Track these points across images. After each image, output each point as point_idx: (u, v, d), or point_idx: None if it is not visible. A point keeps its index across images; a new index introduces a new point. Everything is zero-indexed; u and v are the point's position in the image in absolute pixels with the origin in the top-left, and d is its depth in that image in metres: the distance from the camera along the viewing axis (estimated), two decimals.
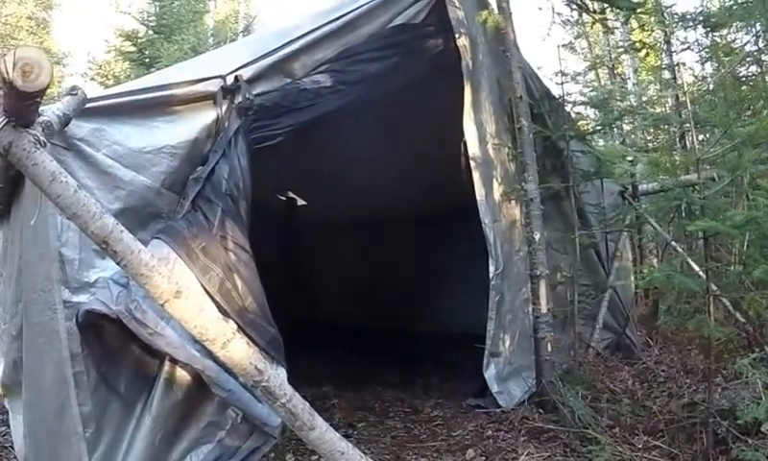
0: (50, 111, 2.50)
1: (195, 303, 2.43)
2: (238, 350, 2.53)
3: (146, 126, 3.26)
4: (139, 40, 15.70)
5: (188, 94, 3.39)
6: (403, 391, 6.03)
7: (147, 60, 14.44)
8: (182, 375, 3.13)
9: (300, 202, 9.95)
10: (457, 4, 5.02)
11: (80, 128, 2.94)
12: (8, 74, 1.96)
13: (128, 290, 2.90)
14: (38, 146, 2.21)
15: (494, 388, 5.07)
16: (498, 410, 4.94)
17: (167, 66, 12.86)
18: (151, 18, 16.36)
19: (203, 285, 2.98)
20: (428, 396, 5.84)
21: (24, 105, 2.14)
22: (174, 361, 3.07)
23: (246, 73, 3.63)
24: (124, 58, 16.21)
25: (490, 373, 5.09)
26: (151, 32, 15.97)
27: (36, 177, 2.21)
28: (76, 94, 2.73)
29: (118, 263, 2.31)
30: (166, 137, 3.27)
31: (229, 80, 3.53)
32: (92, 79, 17.57)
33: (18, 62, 1.97)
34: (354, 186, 7.98)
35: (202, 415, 3.29)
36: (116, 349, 3.13)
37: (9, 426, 5.98)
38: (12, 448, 5.43)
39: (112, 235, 2.26)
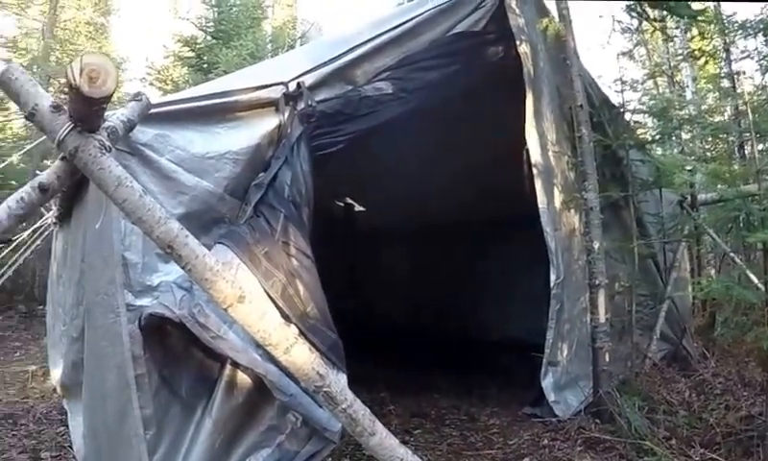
0: (115, 117, 2.51)
1: (258, 307, 2.41)
2: (300, 355, 2.51)
3: (209, 132, 3.28)
4: (198, 46, 15.88)
5: (251, 100, 3.40)
6: (459, 398, 5.98)
7: (205, 65, 14.61)
8: (243, 378, 3.12)
9: (358, 208, 9.96)
10: (518, 11, 4.97)
11: (144, 133, 2.96)
12: (74, 80, 1.97)
13: (191, 294, 2.91)
14: (104, 151, 2.22)
15: (551, 397, 5.00)
16: (555, 420, 4.88)
17: (226, 72, 13.10)
18: (209, 24, 16.55)
19: (265, 290, 2.98)
20: (484, 403, 5.79)
21: (90, 110, 2.15)
22: (235, 365, 3.07)
23: (308, 80, 3.63)
24: (182, 63, 16.42)
25: (547, 382, 5.03)
26: (209, 38, 16.15)
27: (102, 181, 2.22)
28: (140, 100, 2.74)
29: (183, 267, 2.30)
30: (229, 143, 3.29)
31: (292, 86, 3.53)
32: (151, 84, 17.82)
33: (85, 69, 1.98)
34: (411, 193, 7.94)
35: (261, 419, 3.28)
36: (178, 352, 3.15)
37: (67, 427, 6.08)
38: (71, 449, 5.51)
39: (177, 240, 2.25)
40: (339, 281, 7.19)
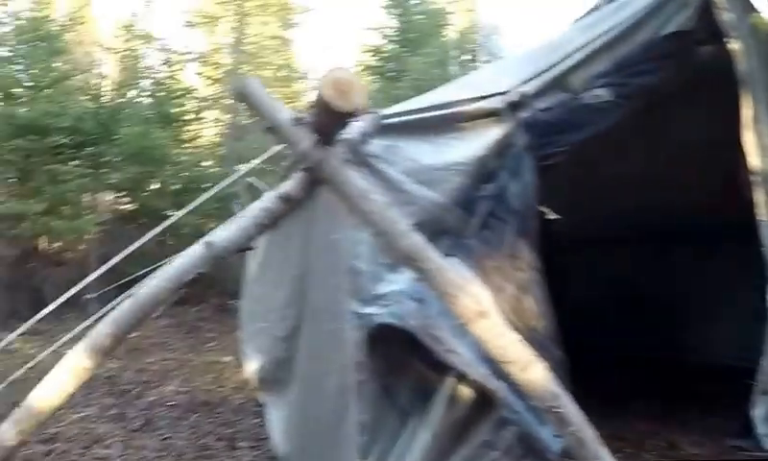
0: (353, 130, 2.53)
1: (497, 323, 2.35)
2: (536, 373, 2.42)
3: (436, 143, 3.27)
4: (384, 55, 16.18)
5: (474, 111, 3.36)
6: (659, 423, 5.66)
7: (392, 73, 14.86)
8: (465, 393, 3.08)
9: (552, 216, 9.72)
10: (726, 5, 4.65)
11: (375, 145, 2.99)
12: (324, 94, 1.98)
13: (423, 306, 2.90)
14: (345, 164, 2.23)
15: (762, 430, 4.63)
16: (765, 454, 4.52)
17: (415, 79, 13.28)
18: (395, 33, 16.83)
19: (496, 305, 2.93)
20: (686, 431, 5.43)
21: (336, 124, 2.17)
22: (459, 379, 3.03)
23: (528, 89, 3.54)
24: (370, 72, 16.78)
25: (758, 412, 4.66)
26: (396, 46, 16.42)
27: (346, 193, 2.23)
28: (375, 113, 2.76)
29: (425, 281, 2.27)
30: (456, 154, 3.27)
31: (514, 96, 3.45)
32: None
33: (334, 83, 1.99)
34: (614, 200, 7.65)
35: (477, 434, 3.23)
36: (399, 362, 3.15)
37: (263, 419, 6.29)
38: (268, 441, 5.68)
39: (420, 253, 2.23)
40: None
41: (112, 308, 6.42)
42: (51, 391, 2.23)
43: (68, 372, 2.20)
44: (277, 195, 2.31)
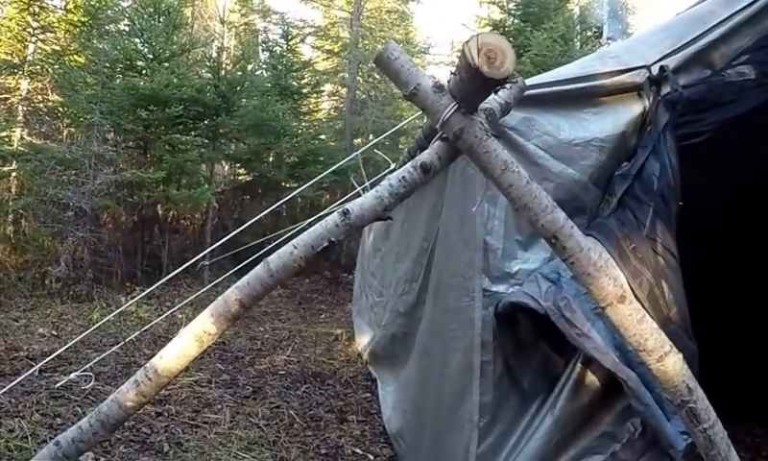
0: (493, 99, 2.46)
1: (637, 309, 2.25)
2: (673, 365, 2.32)
3: (575, 117, 3.18)
4: (506, 29, 15.95)
5: (614, 85, 3.25)
6: None
7: (515, 48, 14.62)
8: (592, 380, 3.00)
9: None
10: None
11: (511, 116, 2.93)
12: (473, 60, 1.91)
13: (557, 287, 2.83)
14: (488, 133, 2.16)
15: None
16: None
17: (537, 55, 13.04)
18: (517, 7, 16.56)
19: (632, 290, 2.82)
20: None
21: (484, 92, 2.11)
22: (585, 364, 2.95)
23: (670, 63, 3.38)
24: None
25: None
26: (517, 21, 16.15)
27: (488, 165, 2.17)
28: (516, 82, 2.68)
29: (565, 260, 2.19)
30: (595, 130, 3.17)
31: (654, 70, 3.30)
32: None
33: (482, 48, 1.92)
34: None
35: (598, 424, 3.14)
36: (525, 343, 3.10)
37: (373, 394, 6.33)
38: (378, 416, 5.72)
39: (563, 230, 2.15)
40: None
41: (228, 276, 6.60)
42: (174, 355, 2.25)
43: (192, 336, 2.22)
44: (415, 164, 2.27)
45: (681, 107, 3.25)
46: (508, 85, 2.62)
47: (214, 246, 4.61)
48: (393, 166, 6.04)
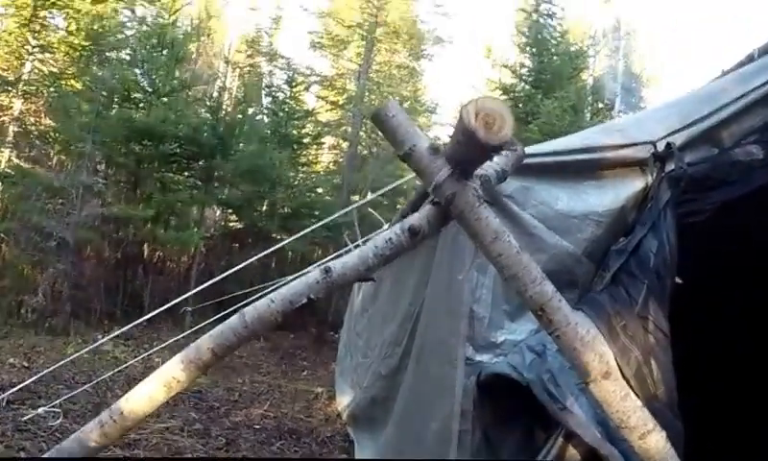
0: (489, 166, 2.50)
1: (621, 385, 2.27)
2: (655, 443, 2.33)
3: (574, 189, 3.22)
4: (516, 94, 16.16)
5: (617, 158, 3.29)
6: None
7: (523, 114, 14.79)
8: (572, 454, 2.98)
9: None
10: None
11: (508, 184, 2.95)
12: (470, 124, 1.93)
13: (542, 359, 2.85)
14: (480, 201, 2.19)
15: None
16: None
17: (546, 123, 13.19)
18: (529, 73, 16.79)
19: (619, 367, 2.85)
20: None
21: (480, 157, 2.13)
22: (567, 439, 2.95)
23: (677, 140, 3.44)
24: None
25: None
26: (528, 87, 16.36)
27: (479, 232, 2.19)
28: (515, 150, 2.71)
29: (551, 333, 2.21)
30: (594, 203, 3.20)
31: (660, 146, 3.36)
32: None
33: (480, 112, 1.94)
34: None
35: None
36: (507, 415, 3.10)
37: (350, 455, 6.31)
38: None
39: (551, 303, 2.17)
40: None
41: (210, 323, 6.62)
42: (141, 398, 2.24)
43: (161, 381, 2.21)
44: (403, 227, 2.29)
45: (684, 184, 3.30)
46: (505, 152, 2.65)
47: (197, 289, 4.64)
48: (386, 227, 6.11)
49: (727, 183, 3.51)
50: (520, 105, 15.46)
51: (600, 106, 18.42)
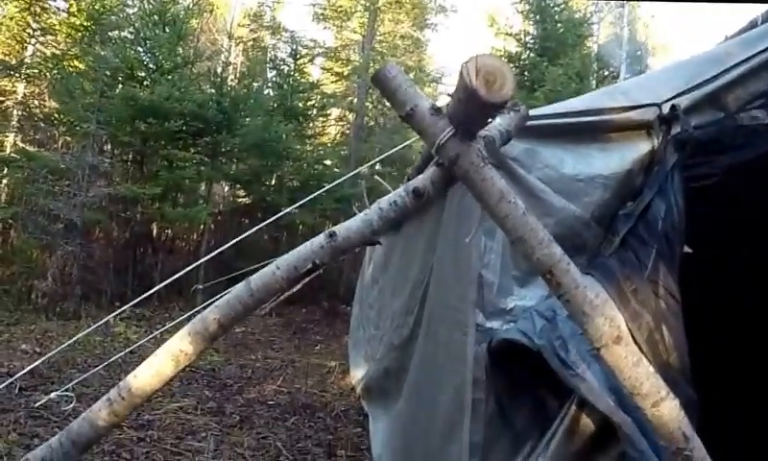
0: (493, 127, 2.48)
1: (633, 351, 2.26)
2: (669, 411, 2.31)
3: (580, 152, 3.19)
4: (522, 63, 16.08)
5: (622, 121, 3.26)
6: None
7: (528, 82, 14.73)
8: (586, 423, 2.99)
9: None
10: None
11: (512, 146, 2.93)
12: (471, 82, 1.91)
13: (552, 325, 2.84)
14: (485, 161, 2.17)
15: None
16: None
17: (552, 90, 13.13)
18: (533, 41, 16.70)
19: (631, 332, 2.83)
20: None
21: (481, 116, 2.11)
22: (580, 407, 2.95)
23: (682, 102, 3.41)
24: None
25: None
26: (533, 55, 16.28)
27: (484, 193, 2.17)
28: (518, 111, 2.70)
29: (560, 297, 2.20)
30: (600, 166, 3.18)
31: (665, 108, 3.33)
32: None
33: (481, 70, 1.92)
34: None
35: None
36: (519, 382, 3.10)
37: (364, 429, 6.33)
38: (368, 453, 5.72)
39: (559, 266, 2.16)
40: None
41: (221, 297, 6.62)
42: (148, 373, 2.24)
43: (168, 355, 2.21)
44: (407, 188, 2.29)
45: (690, 148, 3.28)
46: (508, 112, 2.63)
47: (205, 259, 4.62)
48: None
49: (733, 148, 3.49)
50: (526, 72, 15.42)
51: (605, 73, 18.32)
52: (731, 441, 2.61)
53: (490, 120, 2.37)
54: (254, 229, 3.92)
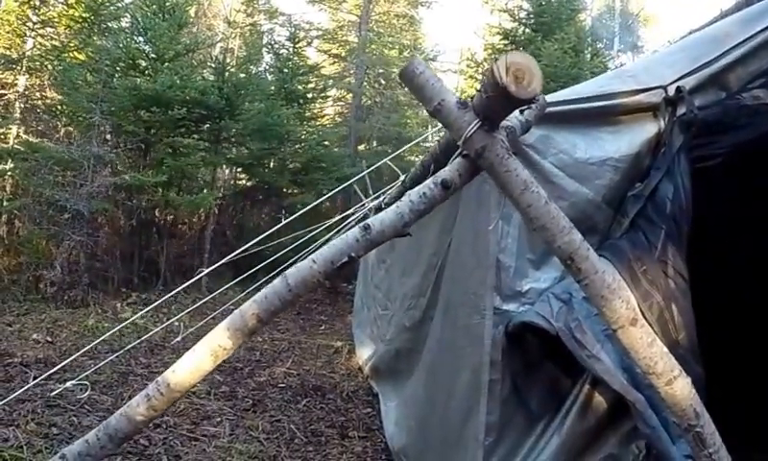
0: (513, 117, 2.52)
1: (647, 332, 2.31)
2: (681, 389, 2.37)
3: (591, 136, 3.23)
4: (517, 38, 16.06)
5: (631, 104, 3.30)
6: None
7: None
8: (599, 401, 3.05)
9: None
10: None
11: (529, 133, 2.97)
12: (501, 79, 1.96)
13: (569, 307, 2.89)
14: (509, 152, 2.22)
15: None
16: None
17: (547, 66, 13.12)
18: (528, 16, 16.67)
19: (642, 312, 2.88)
20: None
21: (509, 111, 2.16)
22: (593, 386, 3.01)
23: (687, 84, 3.44)
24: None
25: None
26: (528, 30, 16.26)
27: (509, 184, 2.22)
28: (538, 100, 2.73)
29: (579, 282, 2.25)
30: (610, 149, 3.22)
31: (671, 90, 3.37)
32: (471, 77, 18.34)
33: (510, 67, 1.96)
34: None
35: (603, 445, 3.18)
36: (534, 362, 3.15)
37: (374, 409, 6.40)
38: (379, 432, 5.78)
39: (579, 252, 2.21)
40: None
41: (232, 286, 6.65)
42: (187, 369, 2.25)
43: (207, 350, 2.22)
44: (436, 180, 2.33)
45: (695, 129, 3.31)
46: (533, 105, 2.68)
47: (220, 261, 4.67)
48: (402, 178, 6.10)
49: (735, 128, 3.53)
50: (521, 48, 15.36)
51: (600, 45, 18.30)
52: (731, 437, 2.65)
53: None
54: (275, 227, 3.96)
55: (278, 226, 5.96)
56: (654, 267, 2.99)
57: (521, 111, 2.45)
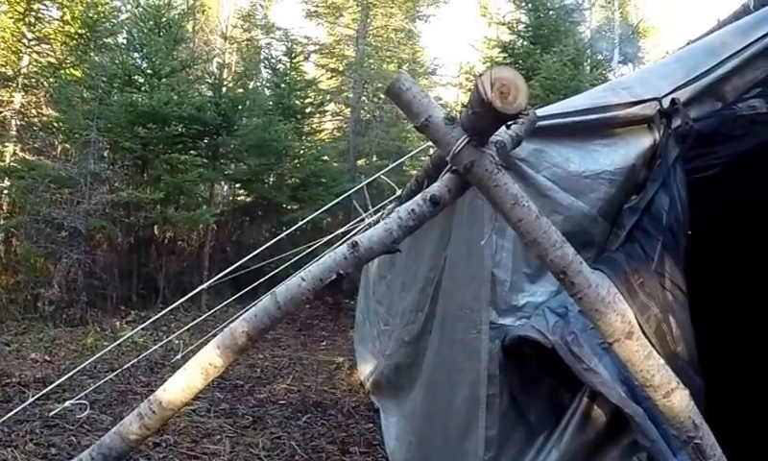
0: (503, 132, 2.55)
1: (644, 344, 2.33)
2: (679, 401, 2.39)
3: (585, 149, 3.26)
4: (516, 51, 16.10)
5: (625, 117, 3.32)
6: None
7: (523, 71, 14.75)
8: (598, 414, 3.07)
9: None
10: None
11: (521, 148, 3.00)
12: (486, 94, 1.98)
13: (565, 321, 2.91)
14: (498, 167, 2.24)
15: None
16: None
17: (546, 79, 13.16)
18: (526, 29, 16.72)
19: (640, 325, 2.90)
20: None
21: (496, 126, 2.18)
22: (592, 399, 3.02)
23: (682, 96, 3.47)
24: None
25: None
26: (526, 43, 16.31)
27: (498, 199, 2.24)
28: (528, 115, 2.76)
29: (573, 296, 2.28)
30: (605, 162, 3.24)
31: (666, 102, 3.39)
32: (470, 90, 18.36)
33: (495, 83, 1.98)
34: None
35: (604, 458, 3.18)
36: (532, 377, 3.17)
37: (376, 424, 6.39)
38: (381, 447, 5.78)
39: (572, 266, 2.23)
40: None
41: (230, 302, 6.66)
42: (179, 387, 2.27)
43: (198, 368, 2.25)
44: (425, 196, 2.35)
45: (691, 140, 3.33)
46: (520, 120, 2.70)
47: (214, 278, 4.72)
48: (399, 192, 6.14)
49: (732, 138, 3.55)
50: (520, 61, 15.39)
51: (599, 57, 18.33)
52: (731, 437, 2.67)
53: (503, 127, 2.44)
54: (273, 240, 3.99)
55: (274, 240, 5.93)
56: (651, 279, 3.01)
57: (507, 126, 2.47)
